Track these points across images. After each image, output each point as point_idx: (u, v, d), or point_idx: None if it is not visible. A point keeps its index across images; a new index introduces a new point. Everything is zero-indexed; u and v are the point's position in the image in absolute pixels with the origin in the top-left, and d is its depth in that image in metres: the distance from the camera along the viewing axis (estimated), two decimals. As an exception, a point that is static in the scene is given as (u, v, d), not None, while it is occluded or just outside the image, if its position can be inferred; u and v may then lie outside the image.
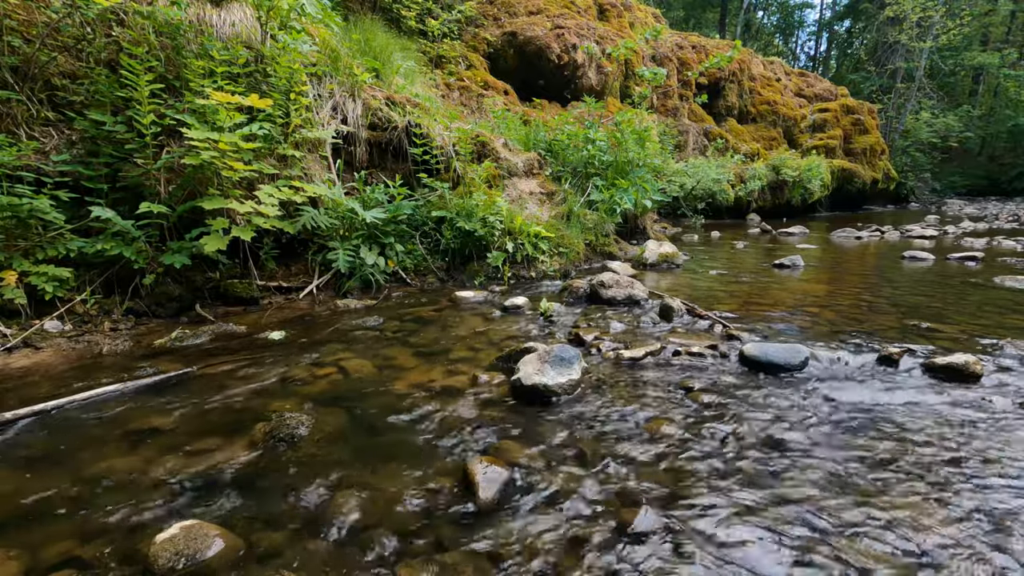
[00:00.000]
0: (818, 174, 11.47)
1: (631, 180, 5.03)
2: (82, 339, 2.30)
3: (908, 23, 19.81)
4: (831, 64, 35.41)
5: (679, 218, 9.19)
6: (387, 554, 1.04)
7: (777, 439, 1.48)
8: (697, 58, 12.13)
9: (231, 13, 3.21)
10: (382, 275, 3.36)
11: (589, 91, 8.81)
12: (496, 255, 3.62)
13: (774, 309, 2.91)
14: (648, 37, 5.96)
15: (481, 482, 1.22)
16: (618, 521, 1.12)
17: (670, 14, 26.64)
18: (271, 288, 3.12)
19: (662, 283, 3.75)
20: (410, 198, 3.77)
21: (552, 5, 9.88)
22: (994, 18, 25.82)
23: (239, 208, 2.58)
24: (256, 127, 2.78)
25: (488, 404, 1.71)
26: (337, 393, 1.80)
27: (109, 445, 1.45)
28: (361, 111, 3.78)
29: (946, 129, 21.18)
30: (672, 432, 1.51)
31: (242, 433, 1.51)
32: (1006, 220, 10.97)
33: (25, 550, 1.05)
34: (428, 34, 7.30)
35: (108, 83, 2.61)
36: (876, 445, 1.45)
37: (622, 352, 2.13)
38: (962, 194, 23.34)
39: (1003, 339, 2.28)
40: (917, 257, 5.09)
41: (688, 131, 11.21)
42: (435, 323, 2.64)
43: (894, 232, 7.83)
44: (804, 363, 1.99)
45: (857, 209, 14.92)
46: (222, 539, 1.05)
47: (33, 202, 2.28)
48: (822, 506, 1.18)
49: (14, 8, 2.57)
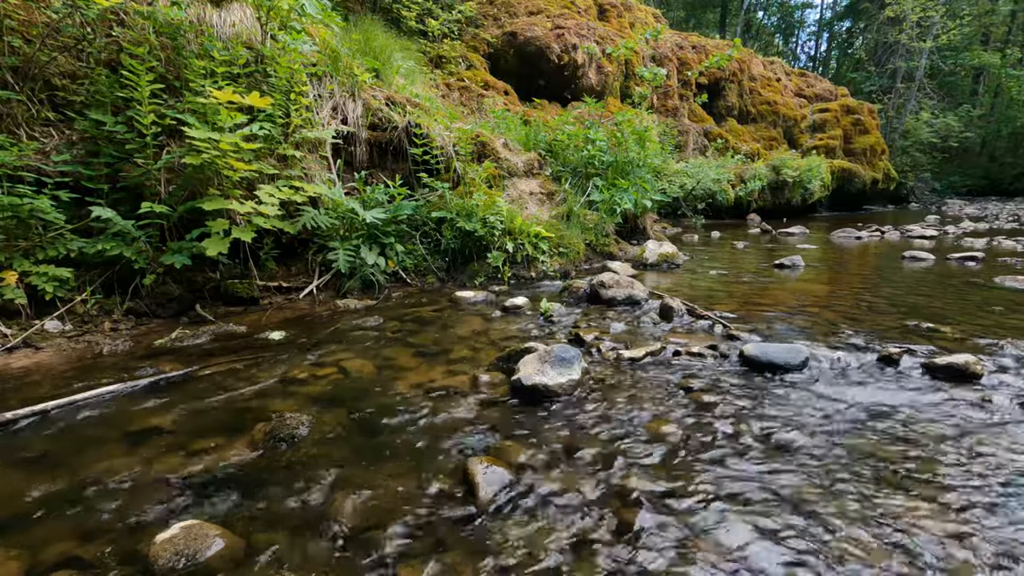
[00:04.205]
0: (818, 174, 11.47)
1: (631, 180, 5.03)
2: (82, 339, 2.30)
3: (908, 23, 19.81)
4: (831, 64, 35.39)
5: (679, 218, 9.19)
6: (387, 554, 1.04)
7: (777, 439, 1.48)
8: (697, 58, 12.13)
9: (231, 13, 3.21)
10: (382, 275, 3.36)
11: (589, 91, 8.81)
12: (496, 255, 3.62)
13: (774, 309, 2.91)
14: (648, 37, 5.96)
15: (481, 482, 1.22)
16: (618, 521, 1.12)
17: (670, 14, 26.63)
18: (271, 288, 3.12)
19: (662, 283, 3.75)
20: (410, 198, 3.77)
21: (552, 5, 9.88)
22: (994, 18, 25.80)
23: (239, 208, 2.58)
24: (256, 127, 2.78)
25: (488, 404, 1.71)
26: (337, 393, 1.80)
27: (109, 445, 1.45)
28: (361, 111, 3.78)
29: (946, 129, 21.18)
30: (672, 432, 1.51)
31: (242, 433, 1.51)
32: (1006, 220, 10.96)
33: (25, 550, 1.05)
34: (428, 34, 7.31)
35: (108, 83, 2.61)
36: (876, 445, 1.45)
37: (622, 352, 2.13)
38: (962, 194, 23.31)
39: (1003, 339, 2.28)
40: (917, 257, 5.09)
41: (688, 131, 11.21)
42: (435, 323, 2.64)
43: (894, 232, 7.83)
44: (804, 363, 1.99)
45: (857, 209, 14.91)
46: (222, 539, 1.05)
47: (34, 202, 2.28)
48: (823, 506, 1.17)
49: (14, 8, 2.57)
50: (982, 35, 26.68)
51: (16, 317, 2.31)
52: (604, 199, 4.80)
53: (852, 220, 10.88)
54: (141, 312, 2.63)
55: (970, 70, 27.26)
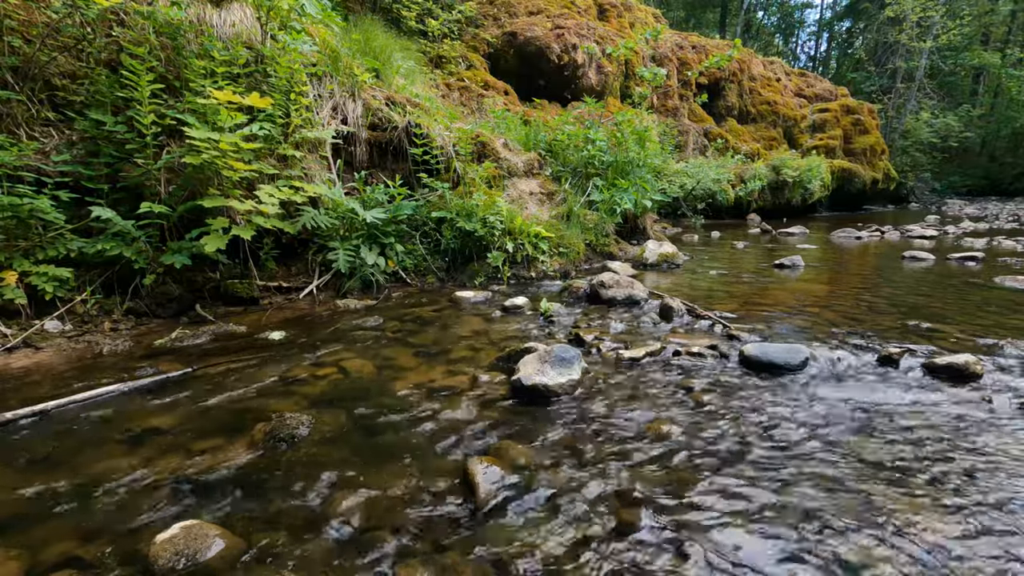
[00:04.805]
0: (818, 174, 11.46)
1: (631, 180, 5.03)
2: (82, 339, 2.30)
3: (908, 23, 19.81)
4: (831, 64, 35.37)
5: (679, 218, 9.19)
6: (387, 554, 1.04)
7: (777, 439, 1.48)
8: (697, 58, 12.13)
9: (231, 13, 3.21)
10: (382, 275, 3.36)
11: (589, 91, 8.81)
12: (496, 255, 3.62)
13: (774, 309, 2.91)
14: (648, 37, 5.96)
15: (481, 482, 1.22)
16: (618, 521, 1.12)
17: (670, 14, 26.62)
18: (271, 288, 3.12)
19: (662, 283, 3.75)
20: (410, 198, 3.76)
21: (552, 5, 9.88)
22: (994, 18, 25.79)
23: (239, 207, 2.58)
24: (256, 127, 2.78)
25: (488, 404, 1.71)
26: (337, 393, 1.80)
27: (109, 445, 1.45)
28: (361, 111, 3.78)
29: (946, 129, 21.17)
30: (672, 432, 1.51)
31: (242, 433, 1.51)
32: (1006, 220, 10.96)
33: (25, 550, 1.05)
34: (428, 34, 7.31)
35: (108, 83, 2.61)
36: (876, 445, 1.45)
37: (622, 352, 2.13)
38: (962, 194, 23.30)
39: (1003, 339, 2.28)
40: (917, 257, 5.09)
41: (688, 131, 11.21)
42: (435, 323, 2.64)
43: (894, 232, 7.82)
44: (804, 363, 1.99)
45: (857, 209, 14.91)
46: (222, 539, 1.05)
47: (34, 202, 2.28)
48: (822, 506, 1.18)
49: (14, 8, 2.57)
50: (982, 35, 26.67)
51: (16, 317, 2.31)
52: (604, 199, 4.80)
53: (852, 220, 10.88)
54: (141, 312, 2.63)
55: (970, 70, 27.25)
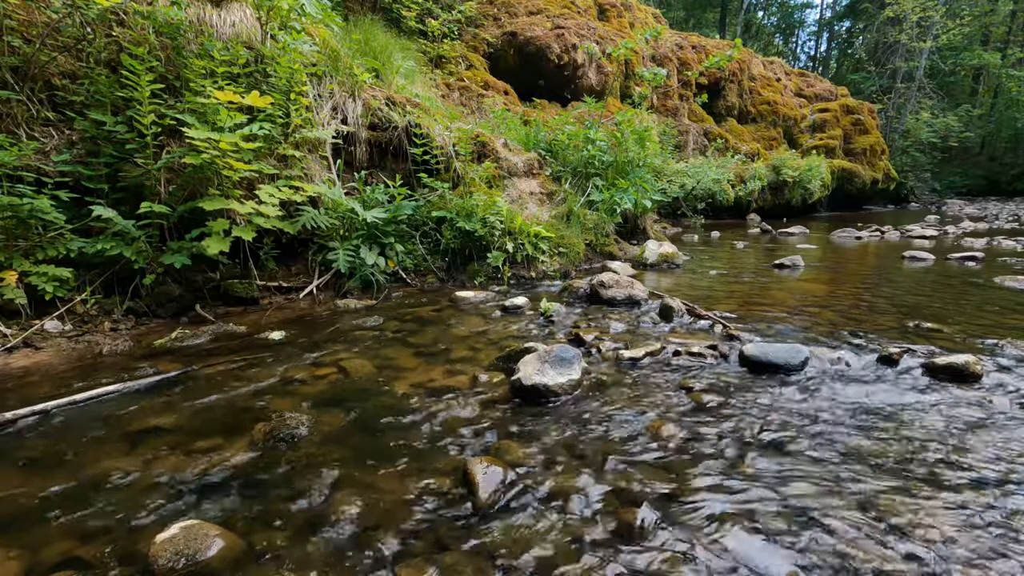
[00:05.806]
0: (818, 174, 11.47)
1: (631, 180, 5.03)
2: (82, 339, 2.30)
3: (908, 23, 19.81)
4: (831, 64, 35.39)
5: (679, 218, 9.19)
6: (387, 554, 1.04)
7: (777, 439, 1.48)
8: (697, 58, 12.12)
9: (231, 13, 3.21)
10: (382, 275, 3.36)
11: (589, 91, 8.81)
12: (496, 255, 3.62)
13: (774, 309, 2.91)
14: (648, 37, 5.96)
15: (481, 482, 1.22)
16: (618, 521, 1.12)
17: (670, 14, 26.62)
18: (271, 288, 3.12)
19: (662, 283, 3.75)
20: (410, 198, 3.76)
21: (552, 5, 9.89)
22: (994, 18, 25.80)
23: (239, 209, 2.59)
24: (256, 127, 2.78)
25: (488, 404, 1.71)
26: (337, 393, 1.80)
27: (109, 445, 1.45)
28: (361, 111, 3.78)
29: (946, 129, 21.18)
30: (672, 432, 1.51)
31: (242, 433, 1.51)
32: (1006, 220, 10.97)
33: (25, 550, 1.05)
34: (428, 34, 7.30)
35: (108, 83, 2.61)
36: (876, 445, 1.45)
37: (622, 352, 2.13)
38: (962, 194, 23.30)
39: (1003, 339, 2.28)
40: (917, 257, 5.09)
41: (688, 131, 11.20)
42: (435, 323, 2.64)
43: (894, 232, 7.83)
44: (804, 363, 1.99)
45: (857, 209, 14.92)
46: (222, 539, 1.05)
47: (33, 202, 2.28)
48: (822, 506, 1.17)
49: (14, 8, 2.57)
50: (982, 35, 26.67)
51: (16, 317, 2.31)
52: (604, 199, 4.80)
53: (852, 220, 10.89)
54: (141, 312, 2.63)
55: (970, 70, 27.26)
